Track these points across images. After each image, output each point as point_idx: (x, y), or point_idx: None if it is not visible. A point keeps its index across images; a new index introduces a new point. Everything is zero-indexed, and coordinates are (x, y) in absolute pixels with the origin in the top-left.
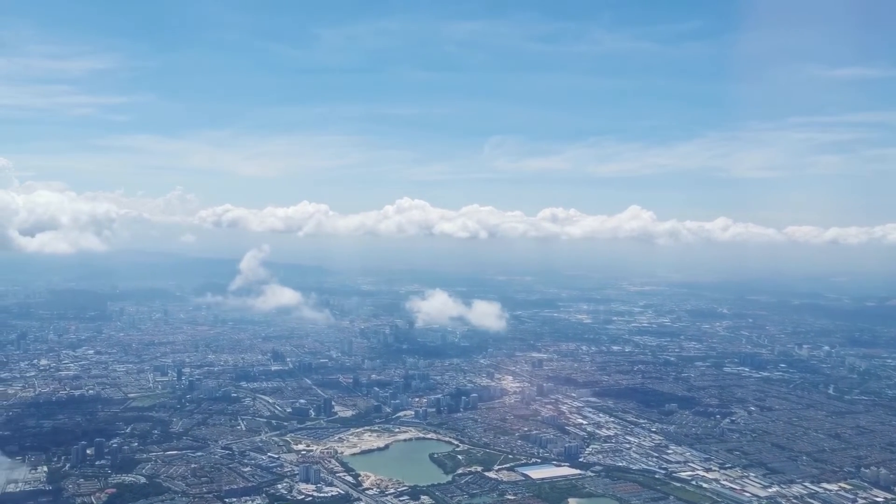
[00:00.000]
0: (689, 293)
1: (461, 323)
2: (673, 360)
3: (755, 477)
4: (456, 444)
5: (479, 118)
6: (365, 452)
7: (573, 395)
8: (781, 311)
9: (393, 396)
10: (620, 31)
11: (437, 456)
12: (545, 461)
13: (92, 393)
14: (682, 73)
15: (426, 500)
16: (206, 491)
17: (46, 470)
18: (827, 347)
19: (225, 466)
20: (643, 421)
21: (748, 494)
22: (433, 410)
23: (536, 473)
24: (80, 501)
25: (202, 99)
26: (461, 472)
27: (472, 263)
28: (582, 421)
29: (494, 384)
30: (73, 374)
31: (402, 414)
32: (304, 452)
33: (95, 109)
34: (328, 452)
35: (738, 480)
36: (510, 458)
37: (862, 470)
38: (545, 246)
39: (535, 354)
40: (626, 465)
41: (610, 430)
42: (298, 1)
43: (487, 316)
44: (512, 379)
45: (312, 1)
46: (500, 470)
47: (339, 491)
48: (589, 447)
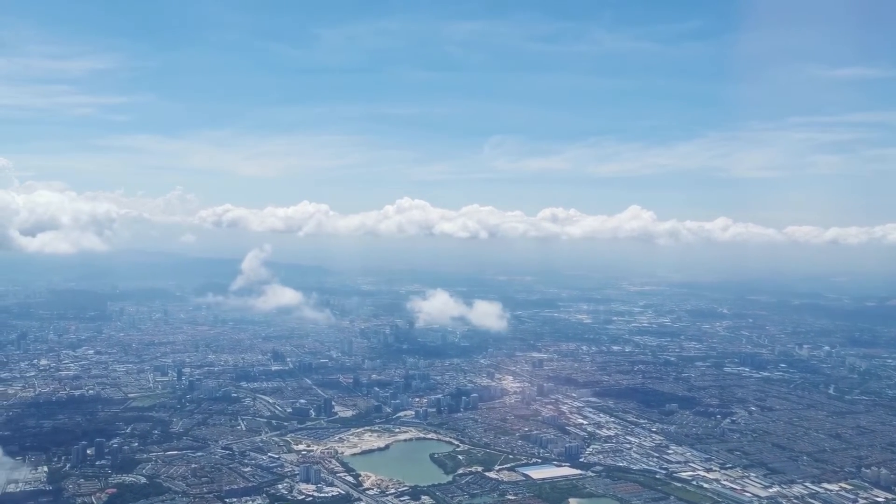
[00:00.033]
0: (689, 293)
1: (461, 323)
2: (673, 360)
3: (756, 477)
4: (456, 444)
5: (479, 118)
6: (365, 452)
7: (573, 395)
8: (781, 311)
9: (393, 396)
10: (620, 31)
11: (437, 456)
12: (546, 461)
13: (92, 393)
14: (682, 73)
15: (427, 500)
16: (206, 491)
17: (47, 470)
18: (827, 347)
19: (225, 466)
20: (644, 421)
21: (749, 494)
22: (433, 410)
23: (537, 473)
24: (80, 501)
25: (202, 99)
26: (462, 472)
27: (472, 263)
28: (582, 421)
29: (495, 384)
30: (73, 374)
31: (402, 414)
32: (304, 452)
33: (95, 109)
34: (328, 452)
35: (738, 480)
36: (511, 458)
37: (862, 470)
38: (545, 246)
39: (535, 354)
40: (626, 465)
41: (610, 430)
42: (298, 1)
43: (488, 316)
44: (512, 379)
45: (312, 1)
46: (500, 470)
47: (339, 491)
48: (589, 447)
